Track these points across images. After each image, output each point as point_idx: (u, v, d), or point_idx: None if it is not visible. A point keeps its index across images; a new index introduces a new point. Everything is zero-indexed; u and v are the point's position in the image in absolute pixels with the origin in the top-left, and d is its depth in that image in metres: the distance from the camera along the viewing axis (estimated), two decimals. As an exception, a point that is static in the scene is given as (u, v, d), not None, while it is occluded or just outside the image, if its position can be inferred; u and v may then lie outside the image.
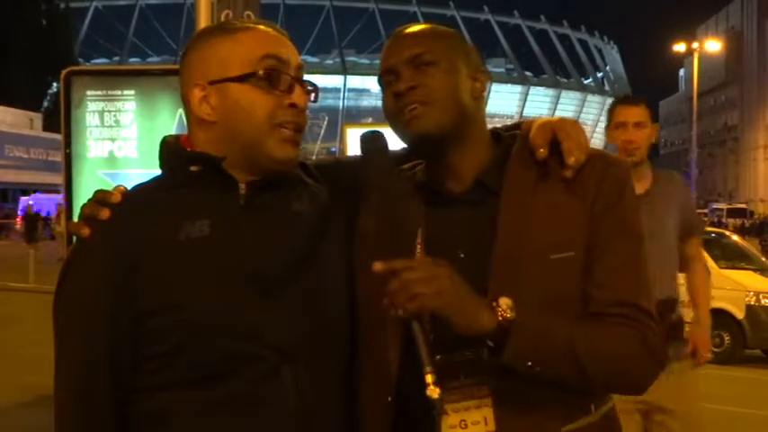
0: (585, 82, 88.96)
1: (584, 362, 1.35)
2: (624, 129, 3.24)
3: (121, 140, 4.26)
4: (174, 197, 1.43)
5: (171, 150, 1.49)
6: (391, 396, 1.44)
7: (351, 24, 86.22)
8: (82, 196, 4.00)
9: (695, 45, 38.52)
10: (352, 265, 1.49)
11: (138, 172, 4.11)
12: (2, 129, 35.83)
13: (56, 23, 46.82)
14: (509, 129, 1.61)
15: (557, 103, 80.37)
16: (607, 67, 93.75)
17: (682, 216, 3.28)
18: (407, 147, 1.57)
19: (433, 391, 1.25)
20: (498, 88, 77.56)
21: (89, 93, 4.25)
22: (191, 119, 1.47)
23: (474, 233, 1.47)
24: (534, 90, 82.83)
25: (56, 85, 39.26)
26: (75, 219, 1.45)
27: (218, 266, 1.38)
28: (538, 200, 1.45)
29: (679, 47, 38.32)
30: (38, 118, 40.10)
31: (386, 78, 1.51)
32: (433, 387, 1.25)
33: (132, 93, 4.28)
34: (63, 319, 1.43)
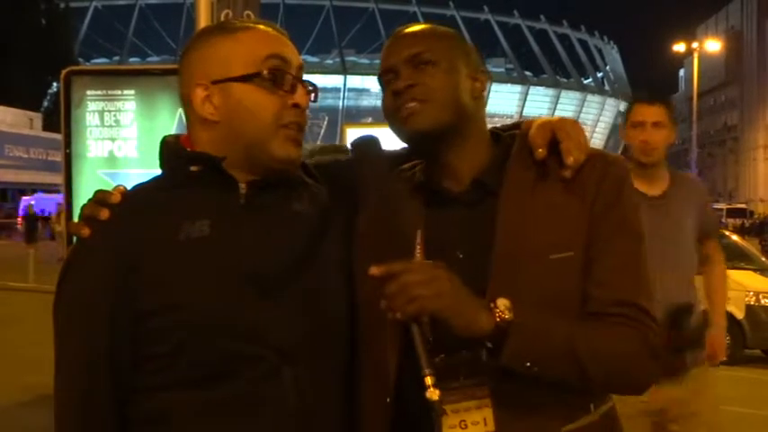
0: (585, 82, 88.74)
1: (585, 362, 1.35)
2: (642, 128, 3.12)
3: (121, 140, 4.26)
4: (175, 197, 1.43)
5: (171, 150, 1.49)
6: (390, 397, 1.44)
7: (351, 24, 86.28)
8: (82, 196, 4.00)
9: (695, 45, 38.58)
10: (352, 265, 1.49)
11: (138, 172, 4.11)
12: (2, 128, 35.79)
13: (55, 23, 46.78)
14: (508, 128, 1.61)
15: (556, 103, 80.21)
16: (607, 67, 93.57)
17: (699, 218, 3.18)
18: (406, 146, 1.58)
19: (433, 393, 1.25)
20: (498, 88, 77.44)
21: (89, 92, 4.25)
22: (192, 118, 1.47)
23: (473, 233, 1.47)
24: (534, 90, 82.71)
25: (56, 84, 39.20)
26: (76, 219, 1.45)
27: (219, 266, 1.38)
28: (537, 200, 1.45)
29: (679, 47, 38.34)
30: (38, 118, 40.05)
31: (385, 77, 1.51)
32: (432, 389, 1.25)
33: (132, 92, 4.28)
34: (63, 318, 1.43)
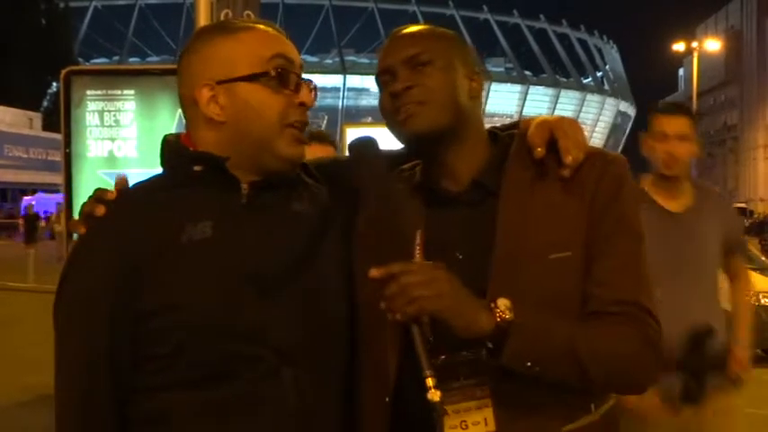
0: (585, 81, 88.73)
1: (585, 362, 1.35)
2: (665, 141, 2.92)
3: (121, 140, 4.26)
4: (176, 197, 1.43)
5: (173, 149, 1.49)
6: (389, 397, 1.44)
7: (350, 24, 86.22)
8: (82, 196, 3.98)
9: (695, 44, 38.47)
10: (352, 266, 1.49)
11: (138, 171, 4.11)
12: (1, 128, 35.76)
13: (55, 23, 46.74)
14: (507, 128, 1.61)
15: (556, 103, 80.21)
16: (606, 67, 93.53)
17: (725, 234, 3.01)
18: (404, 146, 1.58)
19: (434, 395, 1.25)
20: (497, 87, 77.46)
21: (89, 92, 4.25)
22: (196, 118, 1.46)
23: (472, 234, 1.47)
24: (533, 89, 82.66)
25: (55, 84, 39.17)
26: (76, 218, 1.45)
27: (220, 268, 1.38)
28: (536, 199, 1.45)
29: (678, 46, 38.26)
30: (37, 117, 40.03)
31: (382, 78, 1.51)
32: (433, 391, 1.25)
33: (132, 92, 4.28)
34: (63, 318, 1.43)
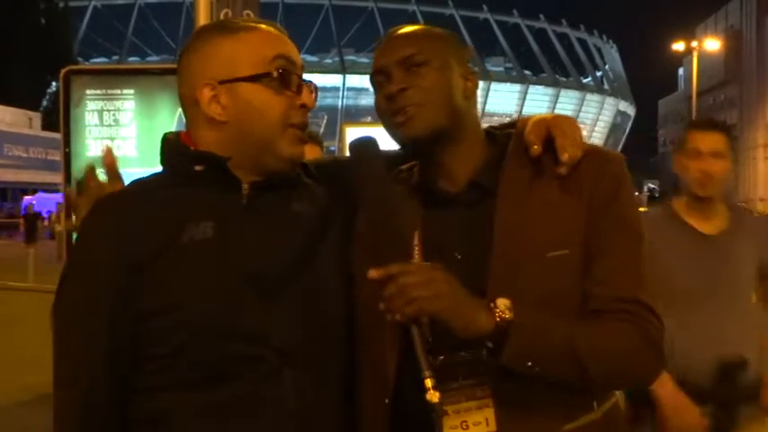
0: (584, 81, 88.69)
1: (585, 361, 1.35)
2: (699, 159, 2.78)
3: (120, 139, 4.25)
4: (177, 196, 1.43)
5: (173, 148, 1.49)
6: (389, 397, 1.44)
7: (350, 23, 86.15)
8: (81, 196, 3.99)
9: (694, 44, 38.44)
10: (351, 266, 1.49)
11: (138, 171, 4.10)
12: (1, 128, 35.75)
13: (55, 22, 46.71)
14: (504, 127, 1.61)
15: (556, 102, 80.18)
16: (606, 66, 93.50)
17: (762, 257, 2.84)
18: (401, 147, 1.57)
19: (433, 396, 1.25)
20: (497, 87, 77.47)
21: (88, 92, 4.24)
22: (197, 118, 1.46)
23: (470, 234, 1.47)
24: (533, 89, 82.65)
25: (55, 84, 39.16)
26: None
27: (220, 268, 1.38)
28: (534, 198, 1.45)
29: (678, 46, 38.24)
30: (37, 117, 40.00)
31: (377, 79, 1.51)
32: (432, 392, 1.26)
33: (131, 92, 4.27)
34: (64, 318, 1.43)
